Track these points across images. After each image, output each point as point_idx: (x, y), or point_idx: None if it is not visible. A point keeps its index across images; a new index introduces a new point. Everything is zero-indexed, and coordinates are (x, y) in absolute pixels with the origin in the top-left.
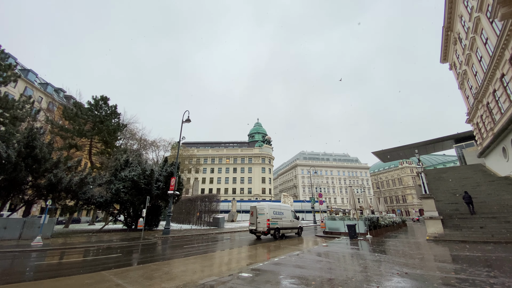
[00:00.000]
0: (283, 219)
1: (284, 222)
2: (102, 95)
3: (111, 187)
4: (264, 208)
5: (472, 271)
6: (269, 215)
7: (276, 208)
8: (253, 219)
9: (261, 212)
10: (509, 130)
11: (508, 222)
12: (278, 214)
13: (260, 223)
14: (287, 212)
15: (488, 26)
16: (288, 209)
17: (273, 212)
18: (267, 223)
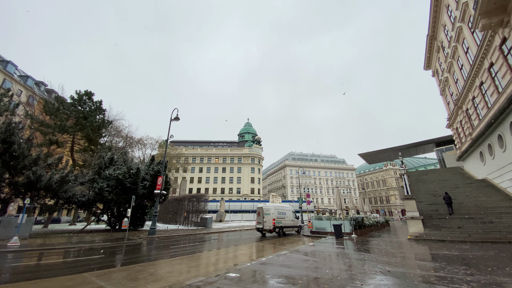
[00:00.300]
0: (285, 219)
1: (286, 221)
2: (86, 90)
3: (94, 185)
4: (270, 209)
5: (451, 269)
6: (274, 215)
7: (280, 208)
8: (259, 218)
9: (267, 213)
10: (486, 135)
11: (484, 223)
12: (282, 214)
13: (267, 222)
14: (288, 212)
15: (470, 36)
16: (290, 210)
17: (277, 213)
18: (273, 222)
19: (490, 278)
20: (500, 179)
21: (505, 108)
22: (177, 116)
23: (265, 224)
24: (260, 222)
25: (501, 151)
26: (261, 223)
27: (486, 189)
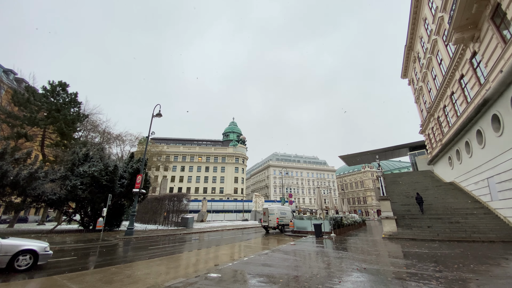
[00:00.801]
0: (286, 218)
1: (286, 220)
2: (60, 81)
3: (67, 183)
4: (274, 210)
5: (421, 266)
6: (277, 215)
7: (281, 209)
8: (265, 217)
9: (271, 213)
10: (455, 141)
11: (451, 223)
12: (283, 214)
13: (271, 221)
14: (288, 212)
15: (443, 49)
16: (289, 210)
17: (280, 213)
18: (277, 221)
19: (456, 274)
20: (466, 183)
21: (473, 117)
22: (160, 112)
23: (270, 222)
24: (266, 220)
25: (467, 156)
26: (266, 221)
27: (454, 192)
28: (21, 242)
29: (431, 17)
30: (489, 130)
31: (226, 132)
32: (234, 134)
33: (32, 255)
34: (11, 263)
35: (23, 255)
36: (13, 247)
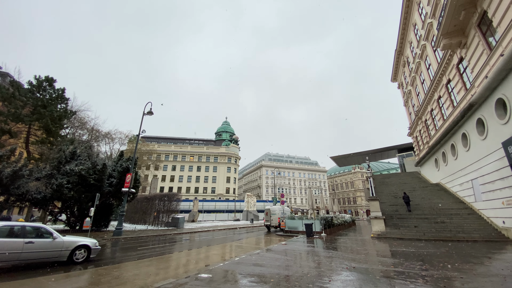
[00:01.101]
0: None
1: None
2: (47, 76)
3: (52, 182)
4: (276, 210)
5: (408, 265)
6: (278, 215)
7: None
8: (267, 217)
9: (273, 213)
10: (441, 144)
11: (436, 223)
12: (283, 214)
13: (273, 220)
14: (288, 213)
15: (432, 54)
16: (288, 211)
17: (281, 213)
18: (278, 220)
19: (441, 273)
20: (451, 184)
21: (458, 121)
22: (151, 110)
23: (272, 222)
24: (268, 220)
25: (453, 159)
26: (268, 221)
27: (440, 193)
28: (77, 238)
29: (421, 22)
30: (474, 133)
31: (218, 131)
32: (227, 133)
33: (86, 249)
34: (70, 256)
35: (79, 249)
36: (72, 243)
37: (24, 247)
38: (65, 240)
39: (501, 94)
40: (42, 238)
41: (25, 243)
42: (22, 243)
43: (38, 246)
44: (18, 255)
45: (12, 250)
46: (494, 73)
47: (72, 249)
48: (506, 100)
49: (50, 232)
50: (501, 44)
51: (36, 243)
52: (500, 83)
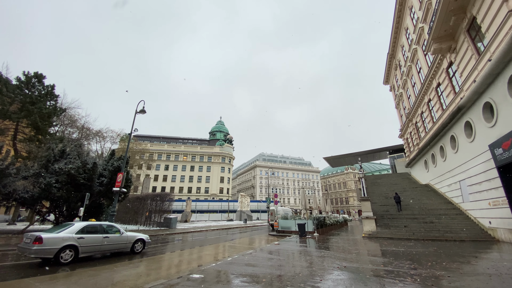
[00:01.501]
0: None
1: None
2: (36, 72)
3: (40, 181)
4: (279, 211)
5: (397, 264)
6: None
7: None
8: (272, 217)
9: (278, 213)
10: (430, 146)
11: (425, 223)
12: (286, 214)
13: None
14: (289, 213)
15: (423, 58)
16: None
17: (284, 213)
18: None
19: (429, 272)
20: (440, 185)
21: (447, 123)
22: (143, 109)
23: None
24: (273, 219)
25: (442, 160)
26: (273, 220)
27: (429, 193)
28: (135, 234)
29: (412, 27)
30: (462, 136)
31: (213, 131)
32: (221, 133)
33: (141, 242)
34: (132, 248)
35: (137, 242)
36: (133, 237)
37: (102, 241)
38: (129, 235)
39: (489, 98)
40: (114, 233)
41: (103, 237)
42: (101, 238)
43: (111, 240)
44: (99, 247)
45: (95, 243)
46: (482, 78)
47: (133, 242)
48: (493, 104)
49: (118, 229)
50: (489, 49)
51: (110, 238)
52: (488, 87)
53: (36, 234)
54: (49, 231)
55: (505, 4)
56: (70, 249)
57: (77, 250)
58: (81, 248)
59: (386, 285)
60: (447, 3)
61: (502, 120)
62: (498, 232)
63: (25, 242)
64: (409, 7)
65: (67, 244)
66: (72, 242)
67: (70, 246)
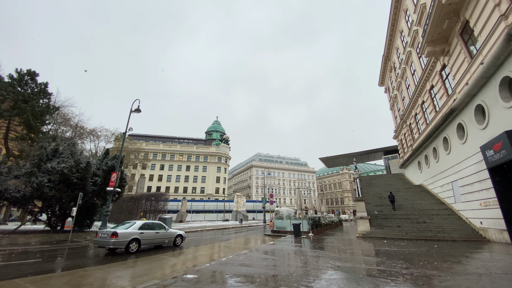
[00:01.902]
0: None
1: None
2: (29, 69)
3: (33, 180)
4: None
5: (390, 264)
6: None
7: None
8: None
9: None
10: (424, 147)
11: (418, 223)
12: (289, 214)
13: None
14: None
15: (417, 60)
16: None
17: (287, 213)
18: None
19: (421, 271)
20: (433, 185)
21: (440, 125)
22: (138, 108)
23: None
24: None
25: (435, 161)
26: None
27: (422, 194)
28: (175, 230)
29: (407, 30)
30: (455, 137)
31: (209, 131)
32: (217, 133)
33: (180, 237)
34: (174, 242)
35: (177, 237)
36: (174, 233)
37: (155, 235)
38: (171, 231)
39: (480, 101)
40: (162, 229)
41: (156, 233)
42: (154, 233)
43: (160, 235)
44: (153, 240)
45: (150, 237)
46: (474, 80)
47: (175, 237)
48: (485, 106)
49: (164, 226)
50: (481, 52)
51: (160, 233)
52: (480, 90)
53: (111, 230)
54: (118, 228)
55: (497, 8)
56: (135, 241)
57: (140, 243)
58: (142, 241)
59: (378, 285)
60: (441, 7)
61: (493, 122)
62: (489, 232)
63: (101, 236)
64: (404, 10)
65: (133, 238)
66: (137, 236)
67: (135, 239)
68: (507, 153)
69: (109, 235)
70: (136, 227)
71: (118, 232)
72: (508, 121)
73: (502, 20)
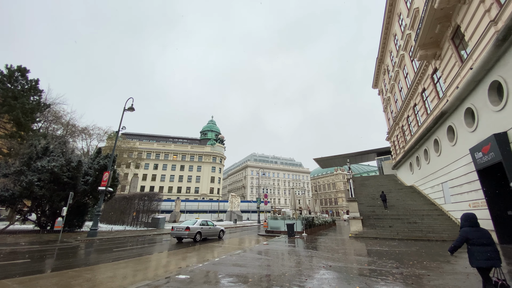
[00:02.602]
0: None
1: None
2: (19, 65)
3: (22, 178)
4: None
5: (381, 263)
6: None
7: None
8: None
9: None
10: (415, 149)
11: (409, 223)
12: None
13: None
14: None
15: (409, 63)
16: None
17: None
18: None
19: (410, 271)
20: (424, 186)
21: (431, 127)
22: (132, 106)
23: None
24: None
25: (426, 163)
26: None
27: (413, 195)
28: (220, 226)
29: (400, 33)
30: (445, 139)
31: (204, 130)
32: (212, 132)
33: (222, 232)
34: (219, 235)
35: (221, 232)
36: (219, 228)
37: (209, 229)
38: (218, 227)
39: (470, 104)
40: (211, 226)
41: (209, 228)
42: (208, 228)
43: (211, 229)
44: (207, 233)
45: (206, 231)
46: (464, 84)
47: (219, 231)
48: (474, 109)
49: (213, 223)
50: (471, 57)
51: (211, 228)
52: (470, 94)
53: (185, 225)
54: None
55: (487, 14)
56: (198, 234)
57: (201, 234)
58: (202, 233)
59: (369, 284)
60: (433, 11)
61: (482, 125)
62: None
63: (177, 230)
64: (398, 14)
65: (198, 231)
66: (199, 230)
67: (198, 232)
68: (495, 156)
69: (184, 229)
70: (198, 223)
71: (190, 227)
72: (496, 124)
73: (492, 26)
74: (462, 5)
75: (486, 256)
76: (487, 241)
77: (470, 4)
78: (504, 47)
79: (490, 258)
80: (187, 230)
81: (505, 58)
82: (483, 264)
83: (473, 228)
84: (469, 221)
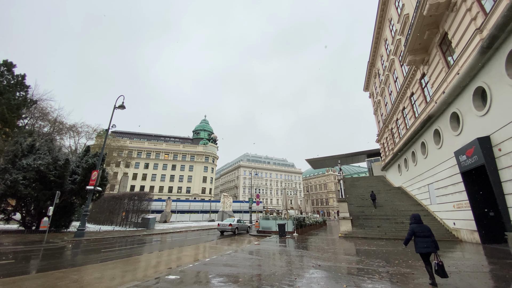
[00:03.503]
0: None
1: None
2: (5, 60)
3: (6, 177)
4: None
5: (368, 262)
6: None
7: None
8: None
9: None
10: (403, 151)
11: (397, 223)
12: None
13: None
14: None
15: (399, 68)
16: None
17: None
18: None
19: (396, 269)
20: (411, 188)
21: (419, 130)
22: (123, 104)
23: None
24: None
25: (413, 165)
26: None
27: (401, 195)
28: (247, 223)
29: (391, 38)
30: (431, 142)
31: (196, 129)
32: (205, 132)
33: (249, 228)
34: (247, 230)
35: (249, 227)
36: (247, 225)
37: (240, 225)
38: (247, 224)
39: (456, 109)
40: (242, 222)
41: (242, 224)
42: (240, 224)
43: (242, 225)
44: (240, 228)
45: (239, 226)
46: (450, 89)
47: (247, 227)
48: (459, 114)
49: (243, 220)
50: (457, 63)
51: (241, 224)
52: (455, 99)
53: (228, 222)
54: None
55: (473, 22)
56: (237, 228)
57: (237, 229)
58: (238, 229)
59: (356, 282)
60: (423, 18)
61: (466, 129)
62: (461, 233)
63: (222, 226)
64: (389, 19)
65: (236, 226)
66: (237, 225)
67: (236, 227)
68: (478, 159)
69: (227, 225)
70: (235, 221)
71: (232, 223)
72: (480, 128)
73: (477, 34)
74: (450, 13)
75: (425, 244)
76: (427, 233)
77: (458, 12)
78: (488, 55)
79: (428, 246)
80: (230, 225)
81: (489, 65)
82: (423, 251)
83: (418, 224)
84: (415, 219)
